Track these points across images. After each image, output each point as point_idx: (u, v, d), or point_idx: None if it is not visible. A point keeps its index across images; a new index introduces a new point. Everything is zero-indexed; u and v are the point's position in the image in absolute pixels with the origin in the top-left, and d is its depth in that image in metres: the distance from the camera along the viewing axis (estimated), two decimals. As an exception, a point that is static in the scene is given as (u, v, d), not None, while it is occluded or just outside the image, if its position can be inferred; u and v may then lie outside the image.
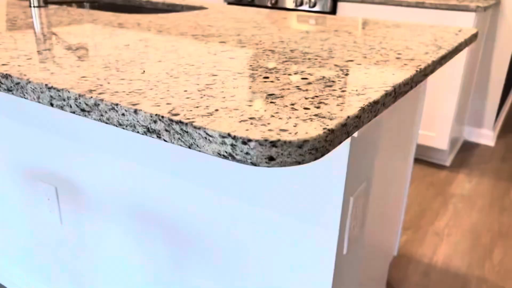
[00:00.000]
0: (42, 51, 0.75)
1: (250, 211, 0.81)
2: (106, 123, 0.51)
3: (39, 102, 0.57)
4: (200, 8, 1.55)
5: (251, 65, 0.71)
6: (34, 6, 1.32)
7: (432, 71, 0.81)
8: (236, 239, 0.85)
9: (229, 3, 2.80)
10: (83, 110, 0.53)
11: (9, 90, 0.60)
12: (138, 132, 0.49)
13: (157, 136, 0.48)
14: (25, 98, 0.59)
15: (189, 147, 0.46)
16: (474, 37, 1.17)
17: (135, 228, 1.00)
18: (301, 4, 2.53)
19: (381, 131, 0.92)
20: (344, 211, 0.74)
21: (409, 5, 2.30)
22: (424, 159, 2.63)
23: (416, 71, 0.72)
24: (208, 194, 0.85)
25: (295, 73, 0.67)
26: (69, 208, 1.14)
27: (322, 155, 0.45)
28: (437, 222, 2.01)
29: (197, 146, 0.45)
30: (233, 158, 0.43)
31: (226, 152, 0.43)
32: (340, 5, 2.48)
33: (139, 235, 1.01)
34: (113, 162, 0.96)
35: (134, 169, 0.93)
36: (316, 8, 2.50)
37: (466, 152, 2.78)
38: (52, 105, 0.56)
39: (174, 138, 0.47)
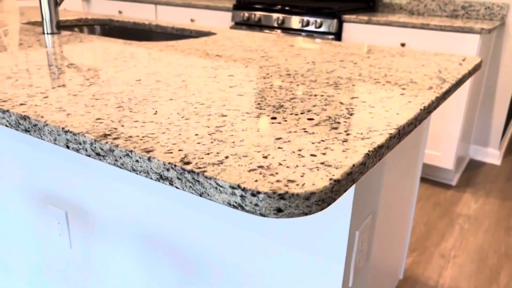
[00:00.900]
0: (57, 87, 0.78)
1: (258, 242, 0.82)
2: (120, 168, 0.54)
3: (56, 143, 0.60)
4: (209, 33, 1.58)
5: (259, 104, 0.73)
6: (47, 33, 1.36)
7: (436, 107, 0.83)
8: (243, 269, 0.86)
9: (237, 23, 2.84)
10: (98, 154, 0.55)
11: (27, 130, 0.63)
12: (151, 178, 0.52)
13: (170, 183, 0.50)
14: (42, 139, 0.61)
15: (200, 195, 0.48)
16: (478, 67, 1.19)
17: (143, 253, 1.02)
18: (307, 24, 2.57)
19: (386, 161, 0.94)
20: (349, 245, 0.76)
21: (414, 26, 2.32)
22: (430, 178, 2.64)
23: (420, 109, 0.73)
24: (216, 223, 0.86)
25: (301, 113, 0.69)
26: (78, 232, 1.16)
27: (328, 205, 0.46)
28: (443, 243, 2.01)
29: (208, 195, 0.47)
30: (243, 209, 0.45)
31: (236, 202, 0.45)
32: (346, 26, 2.52)
33: (147, 260, 1.02)
34: (122, 189, 0.98)
35: (143, 196, 0.95)
36: (322, 29, 2.53)
37: (472, 171, 2.78)
38: (68, 147, 0.59)
39: (186, 186, 0.49)
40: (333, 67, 1.05)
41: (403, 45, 2.37)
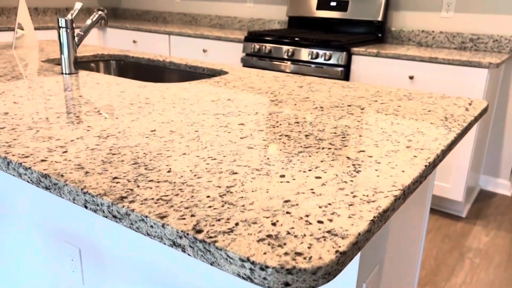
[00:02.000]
0: (76, 139, 0.81)
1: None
2: (136, 231, 0.56)
3: (75, 203, 0.63)
4: (221, 72, 1.62)
5: (268, 158, 0.76)
6: (65, 73, 1.42)
7: (441, 160, 0.85)
8: (251, 317, 0.88)
9: (248, 54, 2.90)
10: (115, 216, 0.58)
11: (47, 188, 0.66)
12: (164, 243, 0.54)
13: (182, 250, 0.52)
14: (61, 197, 0.64)
15: (211, 264, 0.50)
16: (484, 111, 1.21)
17: (154, 296, 1.04)
18: (317, 57, 2.62)
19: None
20: (356, 297, 0.77)
21: (422, 60, 2.36)
22: (440, 209, 2.62)
23: (425, 166, 0.76)
24: (224, 273, 0.88)
25: (309, 170, 0.72)
26: (91, 269, 1.18)
27: (334, 277, 0.48)
28: (454, 279, 1.99)
29: (218, 265, 0.49)
30: (252, 281, 0.47)
31: (245, 274, 0.47)
32: (355, 58, 2.56)
33: (157, 303, 1.04)
34: (135, 233, 1.01)
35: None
36: (331, 61, 2.58)
37: (482, 202, 2.76)
38: (86, 207, 0.62)
39: (197, 254, 0.51)
40: (341, 113, 1.08)
41: (411, 78, 2.40)
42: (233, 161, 0.74)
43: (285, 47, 2.73)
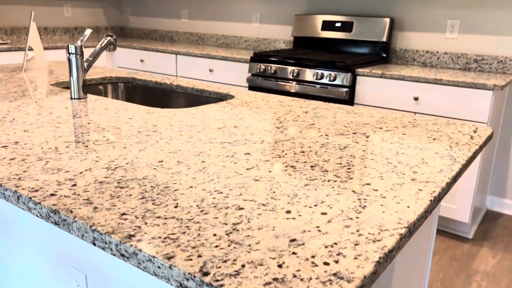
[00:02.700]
0: (85, 172, 0.83)
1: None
2: (143, 271, 0.57)
3: (83, 239, 0.64)
4: (227, 96, 1.64)
5: (274, 192, 0.77)
6: (74, 98, 1.44)
7: (446, 193, 0.85)
8: None
9: (253, 75, 2.93)
10: (123, 255, 0.59)
11: (56, 223, 0.67)
12: (171, 285, 0.55)
13: (189, 292, 0.53)
14: (70, 233, 0.65)
15: (218, 308, 0.51)
16: (489, 139, 1.21)
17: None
18: (322, 77, 2.64)
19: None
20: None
21: (427, 81, 2.37)
22: (446, 230, 2.60)
23: (431, 201, 0.76)
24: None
25: (315, 205, 0.72)
26: (96, 296, 1.18)
27: (340, 322, 0.49)
28: (461, 303, 1.96)
29: (226, 308, 0.50)
30: (258, 327, 0.48)
31: (252, 320, 0.48)
32: (360, 79, 2.58)
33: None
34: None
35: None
36: (336, 82, 2.59)
37: (489, 223, 2.73)
38: (94, 244, 0.63)
39: (204, 297, 0.52)
40: (346, 141, 1.09)
41: (416, 99, 2.41)
42: (239, 194, 0.75)
43: (290, 68, 2.76)
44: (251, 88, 2.94)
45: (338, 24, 3.08)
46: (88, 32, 1.49)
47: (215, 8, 3.89)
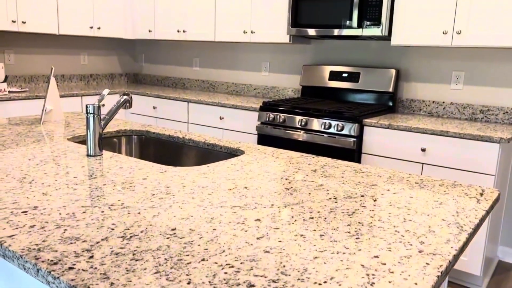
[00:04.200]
0: (101, 241, 0.86)
1: None
2: None
3: (100, 317, 0.66)
4: (237, 151, 1.69)
5: (284, 266, 0.79)
6: (90, 155, 1.49)
7: (454, 265, 0.86)
8: None
9: (263, 123, 3.00)
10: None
11: (74, 299, 0.70)
12: None
13: None
14: (87, 310, 0.68)
15: None
16: (495, 202, 1.23)
17: None
18: (329, 127, 2.69)
19: None
20: None
21: (433, 133, 2.40)
22: (458, 283, 2.56)
23: (438, 276, 0.77)
24: None
25: (324, 282, 0.74)
26: None
27: None
28: None
29: None
30: None
31: None
32: (367, 129, 2.62)
33: None
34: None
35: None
36: (344, 132, 2.64)
37: (501, 275, 2.68)
38: (111, 323, 0.65)
39: None
40: (354, 206, 1.11)
41: (423, 150, 2.44)
42: (250, 269, 0.77)
43: (298, 117, 2.82)
44: (260, 136, 3.00)
45: (345, 75, 3.17)
46: (105, 92, 1.56)
47: (226, 57, 4.03)
